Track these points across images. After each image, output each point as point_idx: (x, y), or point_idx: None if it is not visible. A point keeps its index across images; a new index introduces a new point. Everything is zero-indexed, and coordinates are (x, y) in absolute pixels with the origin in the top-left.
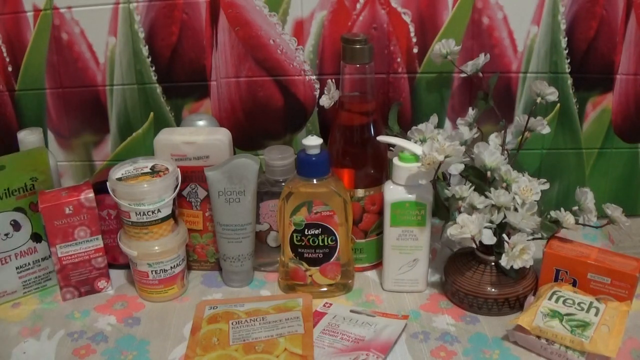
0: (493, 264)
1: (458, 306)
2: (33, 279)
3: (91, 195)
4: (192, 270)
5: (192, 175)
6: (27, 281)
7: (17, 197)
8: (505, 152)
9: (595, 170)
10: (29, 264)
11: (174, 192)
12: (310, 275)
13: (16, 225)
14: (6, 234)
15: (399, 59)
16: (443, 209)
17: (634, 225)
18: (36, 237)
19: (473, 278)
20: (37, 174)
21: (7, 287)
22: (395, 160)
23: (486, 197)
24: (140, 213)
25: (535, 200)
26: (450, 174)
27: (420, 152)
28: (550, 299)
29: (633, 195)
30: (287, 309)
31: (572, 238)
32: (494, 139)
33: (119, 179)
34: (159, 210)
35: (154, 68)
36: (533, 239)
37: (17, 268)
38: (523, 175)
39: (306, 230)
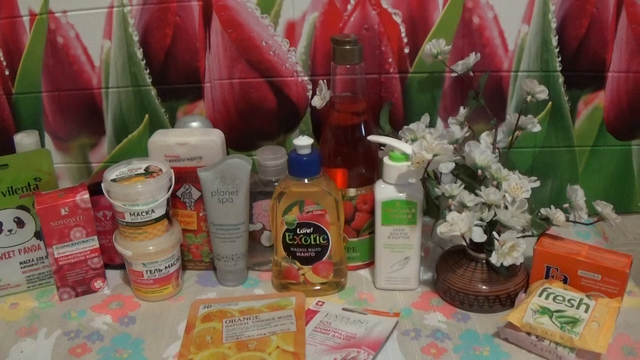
0: (484, 261)
1: (449, 304)
2: (37, 275)
3: (86, 196)
4: (187, 270)
5: (185, 176)
6: (31, 277)
7: (21, 195)
8: (497, 150)
9: (588, 168)
10: (32, 260)
11: (168, 192)
12: (303, 274)
13: (20, 223)
14: (10, 230)
15: (390, 59)
16: (434, 208)
17: (627, 222)
18: (40, 235)
19: (464, 276)
20: (41, 175)
21: (10, 280)
22: (386, 160)
23: (476, 195)
24: (134, 213)
25: (525, 198)
26: (441, 173)
27: (410, 151)
28: (540, 295)
29: (626, 192)
30: (280, 307)
31: (565, 236)
32: (485, 137)
33: (114, 180)
34: (153, 211)
35: (148, 71)
36: (524, 236)
37: (20, 263)
38: (514, 173)
39: (298, 229)
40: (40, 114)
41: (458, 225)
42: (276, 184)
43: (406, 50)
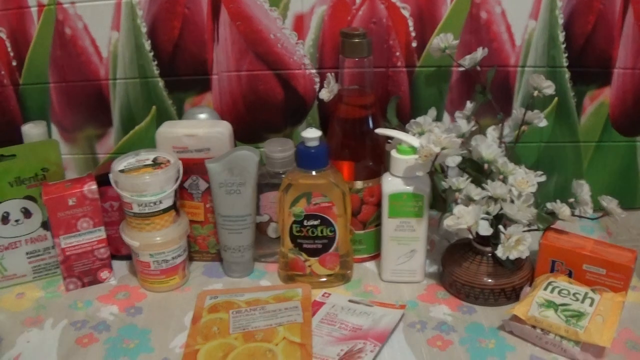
0: (490, 254)
1: (455, 296)
2: (43, 265)
3: (94, 187)
4: (194, 261)
5: (193, 168)
6: (37, 267)
7: (28, 185)
8: (503, 144)
9: (593, 164)
10: (39, 250)
11: (176, 183)
12: (310, 266)
13: (27, 213)
14: (16, 220)
15: (398, 53)
16: (440, 201)
17: (631, 218)
18: (47, 225)
19: (470, 269)
20: (48, 165)
21: (16, 270)
22: (394, 153)
23: (483, 188)
24: (142, 204)
25: (531, 192)
26: (447, 167)
27: (417, 144)
28: (545, 289)
29: (631, 188)
30: (287, 298)
31: (570, 231)
32: (492, 132)
33: (122, 171)
34: (160, 202)
35: (156, 62)
36: (529, 230)
37: (27, 253)
38: (520, 168)
39: (305, 221)
40: (47, 105)
41: (465, 218)
42: (283, 176)
43: (414, 44)
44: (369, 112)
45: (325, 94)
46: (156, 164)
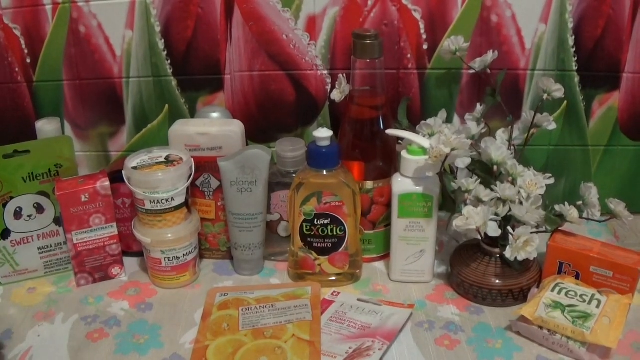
0: (498, 256)
1: (463, 297)
2: (55, 261)
3: (107, 183)
4: (204, 259)
5: (205, 166)
6: (49, 262)
7: (41, 181)
8: (512, 147)
9: (602, 168)
10: (51, 246)
11: (188, 181)
12: (319, 265)
13: (39, 208)
14: (29, 216)
15: (409, 55)
16: (450, 202)
17: (639, 222)
18: (59, 221)
19: (478, 269)
20: (62, 161)
21: (28, 265)
22: (404, 153)
23: (492, 190)
24: (154, 201)
25: (539, 194)
26: (457, 168)
27: (427, 145)
28: (553, 290)
29: (639, 192)
30: (296, 296)
31: (578, 233)
32: (501, 134)
33: (135, 168)
34: (172, 199)
35: (169, 61)
36: (537, 232)
37: (39, 249)
38: (529, 170)
39: (316, 220)
40: (60, 103)
41: (474, 219)
42: (294, 175)
43: (425, 47)
44: (380, 113)
45: (336, 95)
46: (169, 161)
